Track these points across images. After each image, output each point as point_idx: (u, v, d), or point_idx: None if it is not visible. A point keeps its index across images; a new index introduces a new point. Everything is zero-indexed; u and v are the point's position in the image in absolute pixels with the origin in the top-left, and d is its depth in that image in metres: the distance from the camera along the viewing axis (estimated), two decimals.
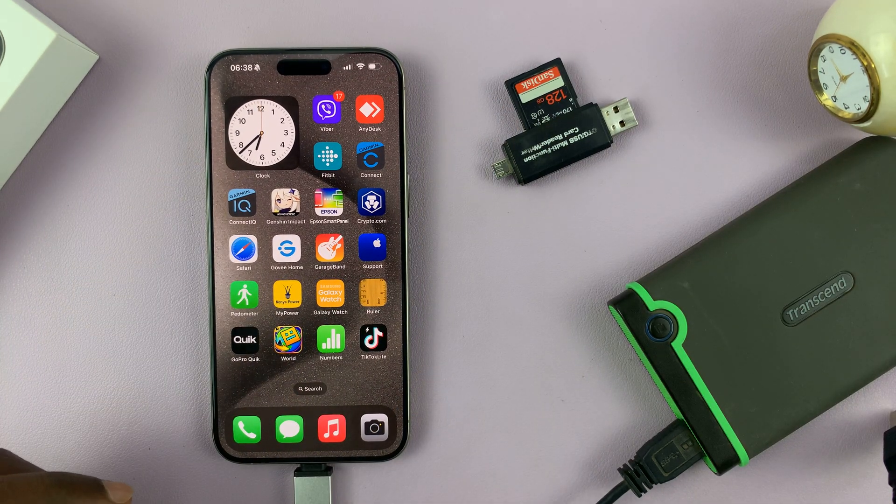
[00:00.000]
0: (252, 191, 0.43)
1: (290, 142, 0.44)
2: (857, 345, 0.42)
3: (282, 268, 0.43)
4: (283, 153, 0.44)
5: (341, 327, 0.44)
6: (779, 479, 0.45)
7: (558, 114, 0.44)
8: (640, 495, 0.43)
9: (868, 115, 0.41)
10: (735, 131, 0.45)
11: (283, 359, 0.44)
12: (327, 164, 0.44)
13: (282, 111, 0.43)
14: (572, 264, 0.45)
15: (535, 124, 0.44)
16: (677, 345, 0.42)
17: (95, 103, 0.45)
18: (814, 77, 0.42)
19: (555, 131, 0.44)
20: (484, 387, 0.45)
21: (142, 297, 0.45)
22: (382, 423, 0.44)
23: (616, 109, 0.44)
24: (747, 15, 0.45)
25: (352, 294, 0.44)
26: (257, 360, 0.43)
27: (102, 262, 0.45)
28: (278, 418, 0.43)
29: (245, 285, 0.43)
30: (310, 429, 0.44)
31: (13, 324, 0.45)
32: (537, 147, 0.44)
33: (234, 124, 0.43)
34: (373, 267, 0.44)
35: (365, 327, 0.44)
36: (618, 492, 0.43)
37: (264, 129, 0.43)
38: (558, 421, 0.45)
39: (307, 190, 0.43)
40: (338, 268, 0.44)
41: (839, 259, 0.42)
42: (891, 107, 0.40)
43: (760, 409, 0.42)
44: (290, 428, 0.44)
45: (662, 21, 0.45)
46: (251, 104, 0.43)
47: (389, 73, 0.43)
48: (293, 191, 0.43)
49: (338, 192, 0.44)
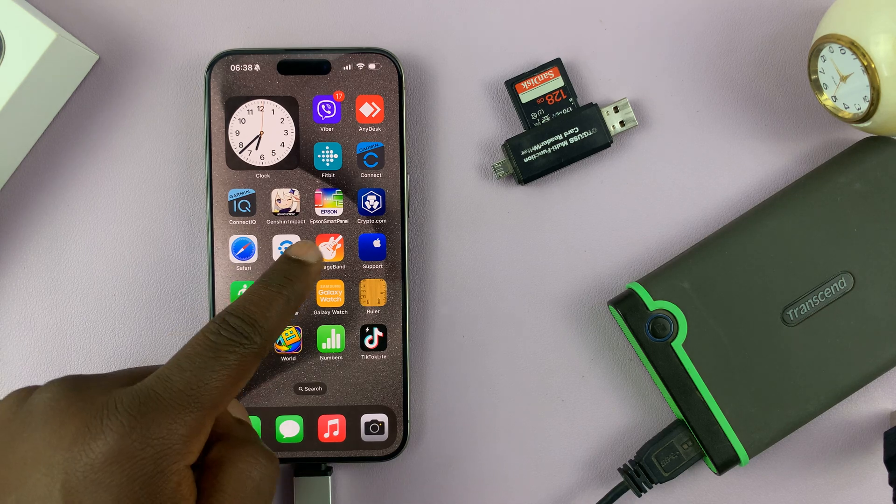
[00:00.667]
0: (252, 191, 0.43)
1: (290, 142, 0.44)
2: (857, 345, 0.42)
3: None
4: (283, 153, 0.44)
5: (341, 327, 0.44)
6: (779, 479, 0.45)
7: (558, 114, 0.44)
8: (640, 495, 0.43)
9: (868, 115, 0.41)
10: (735, 131, 0.45)
11: (283, 359, 0.44)
12: (327, 164, 0.44)
13: (282, 111, 0.43)
14: (572, 264, 0.45)
15: (535, 124, 0.44)
16: (677, 345, 0.42)
17: (95, 103, 0.45)
18: (814, 77, 0.42)
19: (555, 131, 0.44)
20: (484, 387, 0.45)
21: (142, 297, 0.45)
22: (382, 423, 0.44)
23: (616, 109, 0.44)
24: (747, 15, 0.45)
25: (352, 294, 0.44)
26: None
27: (102, 262, 0.45)
28: (278, 418, 0.43)
29: (245, 285, 0.43)
30: (310, 429, 0.44)
31: (13, 324, 0.45)
32: (537, 147, 0.44)
33: (234, 124, 0.43)
34: (373, 267, 0.44)
35: (365, 327, 0.44)
36: (618, 492, 0.43)
37: (264, 129, 0.43)
38: (558, 421, 0.45)
39: (307, 190, 0.43)
40: (338, 268, 0.44)
41: (839, 259, 0.42)
42: (891, 107, 0.40)
43: (760, 409, 0.42)
44: (290, 428, 0.44)
45: (662, 21, 0.45)
46: (251, 104, 0.43)
47: (389, 73, 0.43)
48: (293, 191, 0.43)
49: (338, 192, 0.44)
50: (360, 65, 0.43)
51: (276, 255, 0.44)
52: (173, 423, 0.32)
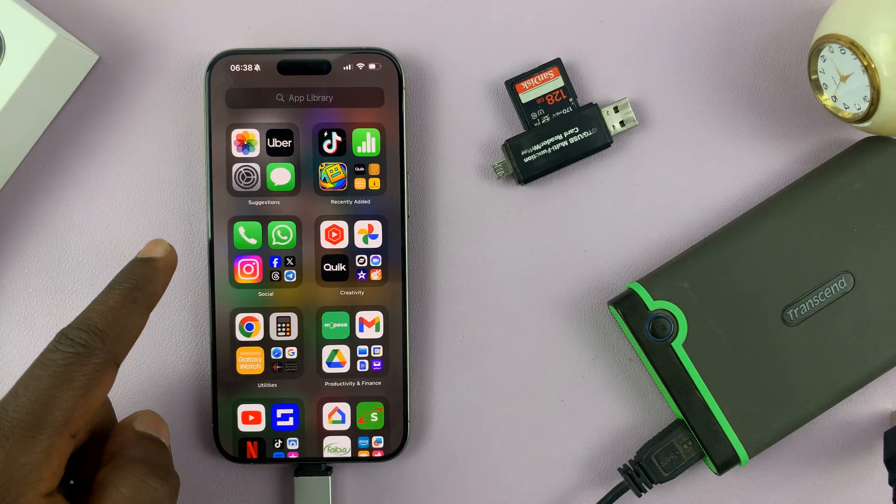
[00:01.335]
0: (252, 191, 0.43)
1: (289, 142, 0.44)
2: (857, 345, 0.42)
3: (282, 268, 0.43)
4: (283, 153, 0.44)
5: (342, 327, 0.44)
6: (779, 479, 0.45)
7: (558, 114, 0.44)
8: (640, 495, 0.43)
9: (868, 115, 0.41)
10: (735, 131, 0.45)
11: (283, 358, 0.44)
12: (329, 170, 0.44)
13: (283, 116, 0.43)
14: (572, 264, 0.45)
15: (535, 124, 0.44)
16: (677, 345, 0.42)
17: (95, 103, 0.45)
18: (814, 77, 0.42)
19: (555, 131, 0.44)
20: (484, 387, 0.45)
21: None
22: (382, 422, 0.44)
23: (616, 109, 0.44)
24: (747, 15, 0.45)
25: (352, 294, 0.44)
26: (258, 359, 0.43)
27: (102, 262, 0.45)
28: None
29: (245, 285, 0.43)
30: None
31: (13, 324, 0.45)
32: (537, 147, 0.44)
33: (234, 125, 0.43)
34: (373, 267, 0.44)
35: (365, 327, 0.44)
36: (618, 492, 0.43)
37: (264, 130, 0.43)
38: (558, 421, 0.45)
39: (307, 190, 0.43)
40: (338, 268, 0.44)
41: (839, 259, 0.42)
42: (891, 107, 0.40)
43: (760, 409, 0.42)
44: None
45: (662, 21, 0.45)
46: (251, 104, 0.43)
47: (389, 73, 0.43)
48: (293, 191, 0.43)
49: (338, 193, 0.44)
50: (360, 65, 0.43)
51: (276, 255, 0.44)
52: (14, 454, 0.30)
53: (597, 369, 0.45)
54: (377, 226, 0.44)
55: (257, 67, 0.43)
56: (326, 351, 0.44)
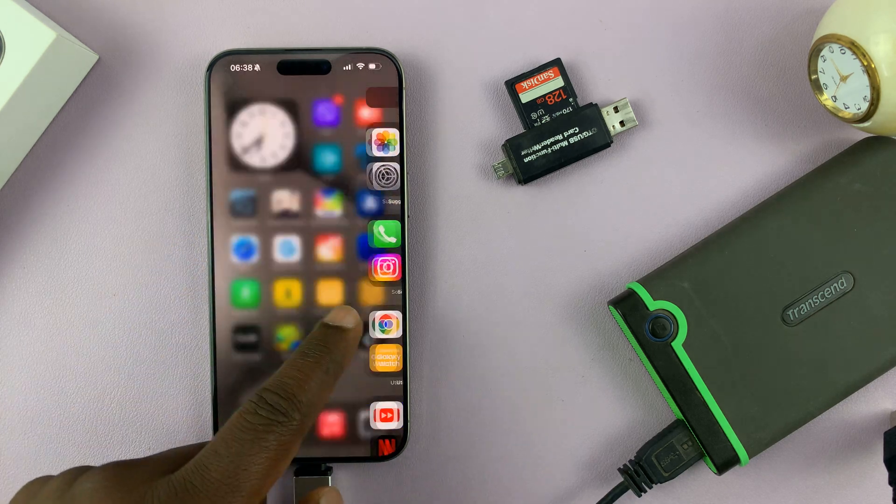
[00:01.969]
0: (253, 191, 0.43)
1: (290, 143, 0.43)
2: (857, 345, 0.42)
3: (282, 268, 0.43)
4: (283, 154, 0.43)
5: None
6: (779, 479, 0.45)
7: (558, 114, 0.44)
8: (640, 495, 0.43)
9: (868, 115, 0.41)
10: (735, 131, 0.45)
11: (283, 358, 0.43)
12: (327, 166, 0.44)
13: (282, 115, 0.43)
14: (572, 264, 0.45)
15: (535, 124, 0.44)
16: (677, 345, 0.42)
17: (95, 103, 0.45)
18: (814, 77, 0.42)
19: (555, 131, 0.44)
20: (484, 387, 0.45)
21: (142, 297, 0.45)
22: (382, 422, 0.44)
23: (616, 109, 0.44)
24: (747, 15, 0.45)
25: (352, 294, 0.44)
26: (258, 359, 0.43)
27: (102, 262, 0.45)
28: None
29: (246, 286, 0.43)
30: (310, 428, 0.43)
31: (13, 324, 0.45)
32: (537, 147, 0.44)
33: (234, 125, 0.43)
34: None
35: (365, 327, 0.44)
36: (618, 492, 0.43)
37: (265, 132, 0.43)
38: (558, 421, 0.45)
39: (307, 191, 0.43)
40: (337, 268, 0.44)
41: (839, 259, 0.42)
42: (891, 107, 0.40)
43: (760, 409, 0.42)
44: None
45: (662, 21, 0.45)
46: (253, 108, 0.43)
47: (389, 73, 0.43)
48: (294, 192, 0.43)
49: (338, 193, 0.44)
50: (360, 65, 0.43)
51: (276, 255, 0.44)
52: None
53: (597, 369, 0.45)
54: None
55: (257, 67, 0.43)
56: None
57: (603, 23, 0.45)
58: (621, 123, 0.44)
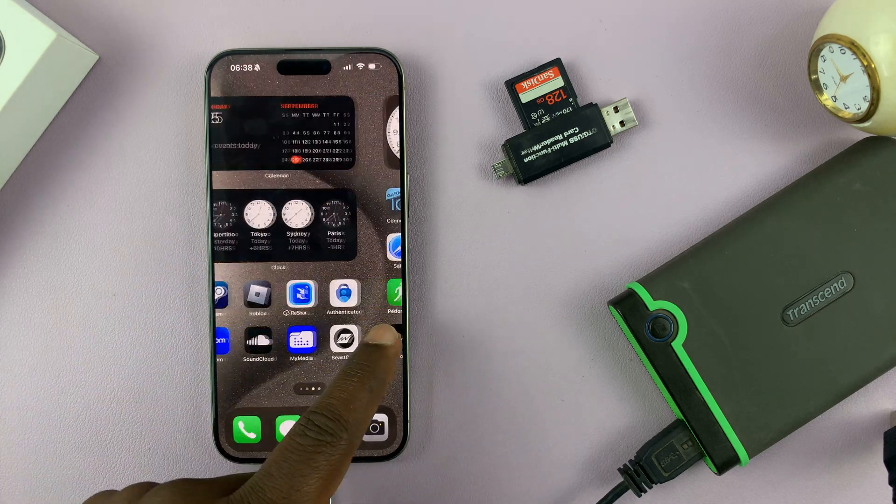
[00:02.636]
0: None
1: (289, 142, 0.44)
2: (857, 345, 0.42)
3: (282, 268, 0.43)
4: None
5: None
6: (779, 479, 0.45)
7: (558, 114, 0.44)
8: (640, 495, 0.43)
9: (868, 115, 0.41)
10: (735, 131, 0.45)
11: (284, 358, 0.44)
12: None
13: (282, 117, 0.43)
14: (572, 264, 0.45)
15: (535, 124, 0.44)
16: (677, 345, 0.42)
17: (95, 103, 0.45)
18: (814, 77, 0.42)
19: (555, 131, 0.44)
20: (484, 387, 0.45)
21: (142, 297, 0.45)
22: (382, 423, 0.44)
23: (616, 109, 0.44)
24: (747, 15, 0.45)
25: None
26: (258, 359, 0.43)
27: (102, 262, 0.45)
28: (278, 418, 0.43)
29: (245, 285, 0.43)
30: None
31: (13, 324, 0.45)
32: (537, 147, 0.44)
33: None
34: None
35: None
36: (618, 492, 0.43)
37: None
38: (558, 421, 0.45)
39: (307, 191, 0.43)
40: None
41: (839, 259, 0.42)
42: (891, 107, 0.40)
43: (760, 409, 0.42)
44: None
45: (662, 21, 0.45)
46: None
47: (389, 73, 0.43)
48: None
49: (337, 193, 0.44)
50: (360, 65, 0.43)
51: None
52: None
53: (597, 369, 0.45)
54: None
55: (257, 67, 0.43)
56: None
57: (603, 23, 0.45)
58: (621, 123, 0.44)
